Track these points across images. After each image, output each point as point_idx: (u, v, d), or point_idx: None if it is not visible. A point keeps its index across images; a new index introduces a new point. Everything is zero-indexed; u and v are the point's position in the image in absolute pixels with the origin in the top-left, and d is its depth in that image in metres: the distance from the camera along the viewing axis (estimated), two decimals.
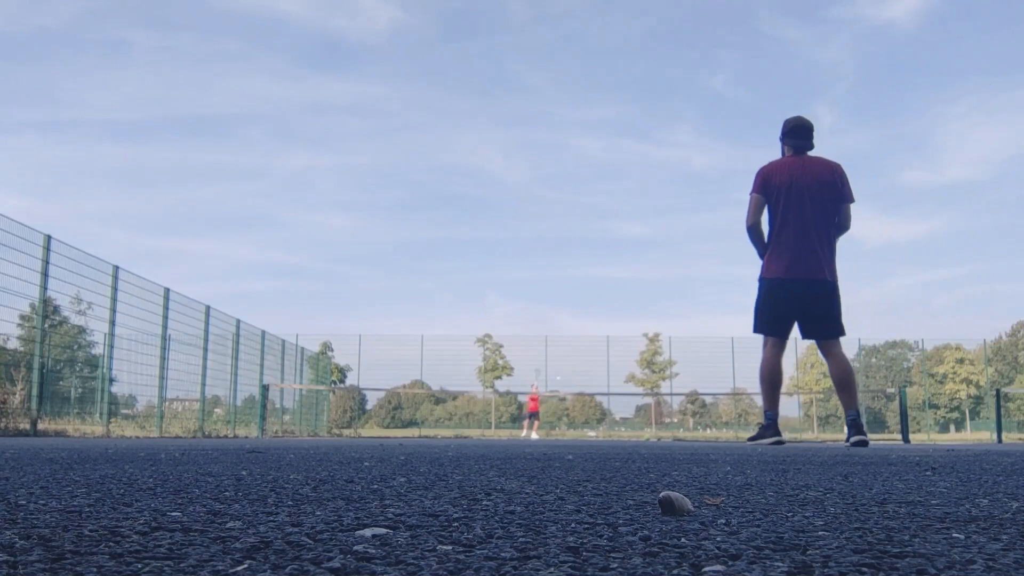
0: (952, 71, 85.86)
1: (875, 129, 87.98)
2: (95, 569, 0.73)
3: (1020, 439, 19.55)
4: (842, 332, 6.12)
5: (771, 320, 6.17)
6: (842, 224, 6.13)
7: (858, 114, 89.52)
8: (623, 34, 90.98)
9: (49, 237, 10.76)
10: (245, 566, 0.75)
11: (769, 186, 6.10)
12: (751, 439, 6.56)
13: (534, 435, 22.32)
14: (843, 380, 6.04)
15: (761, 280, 6.22)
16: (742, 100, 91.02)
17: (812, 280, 6.00)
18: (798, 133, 6.22)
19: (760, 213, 6.17)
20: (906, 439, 13.63)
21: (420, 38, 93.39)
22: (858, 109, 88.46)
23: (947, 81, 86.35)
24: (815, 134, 6.27)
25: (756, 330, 6.31)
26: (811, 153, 6.21)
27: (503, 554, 0.82)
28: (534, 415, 23.59)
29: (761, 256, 6.23)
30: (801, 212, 5.99)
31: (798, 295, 6.03)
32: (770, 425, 6.29)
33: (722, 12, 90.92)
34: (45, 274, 10.71)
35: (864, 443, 5.86)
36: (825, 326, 6.10)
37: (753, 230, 6.20)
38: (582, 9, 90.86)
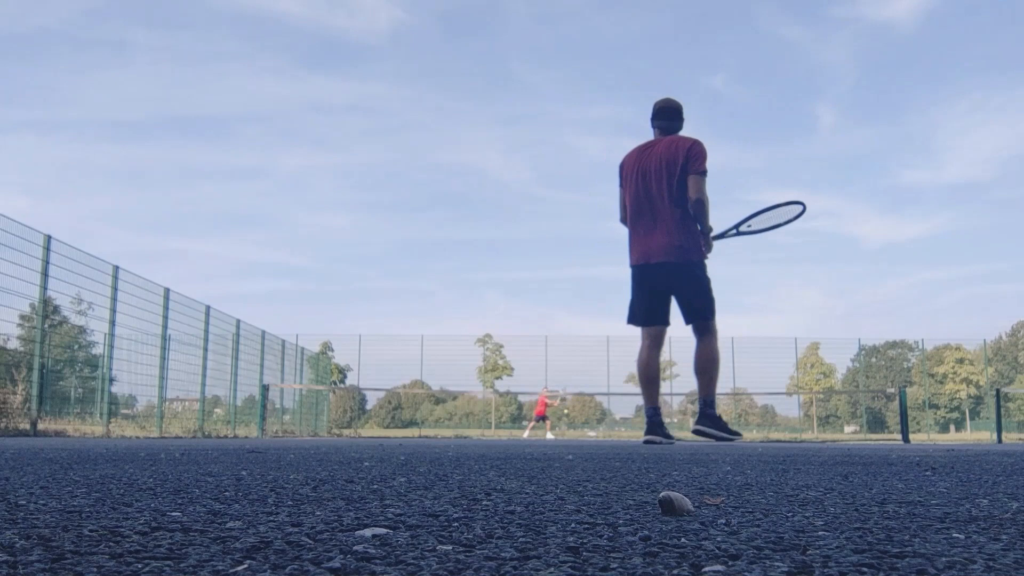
0: (952, 71, 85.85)
1: (875, 129, 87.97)
2: (95, 569, 0.73)
3: (1020, 439, 19.54)
4: (706, 315, 5.91)
5: (633, 309, 6.05)
6: (692, 197, 5.77)
7: (858, 114, 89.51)
8: (623, 33, 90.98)
9: (49, 237, 10.76)
10: (245, 566, 0.75)
11: (622, 176, 6.08)
12: (645, 440, 6.23)
13: (548, 435, 22.51)
14: (703, 367, 5.92)
15: (632, 268, 6.09)
16: (742, 100, 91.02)
17: (665, 263, 5.83)
18: (662, 115, 6.12)
19: (621, 204, 6.13)
20: (906, 439, 13.63)
21: (420, 38, 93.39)
22: (858, 109, 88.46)
23: (947, 81, 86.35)
24: (681, 115, 6.11)
25: (629, 321, 6.15)
26: (678, 134, 6.05)
27: (503, 554, 0.82)
28: (542, 418, 23.73)
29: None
30: (646, 195, 5.87)
31: (656, 281, 5.89)
32: (649, 422, 6.01)
33: (722, 12, 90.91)
34: (45, 274, 10.70)
35: (701, 433, 5.74)
36: (689, 308, 5.94)
37: (624, 224, 6.13)
38: (582, 9, 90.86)
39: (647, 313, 5.99)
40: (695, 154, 5.83)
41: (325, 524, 1.05)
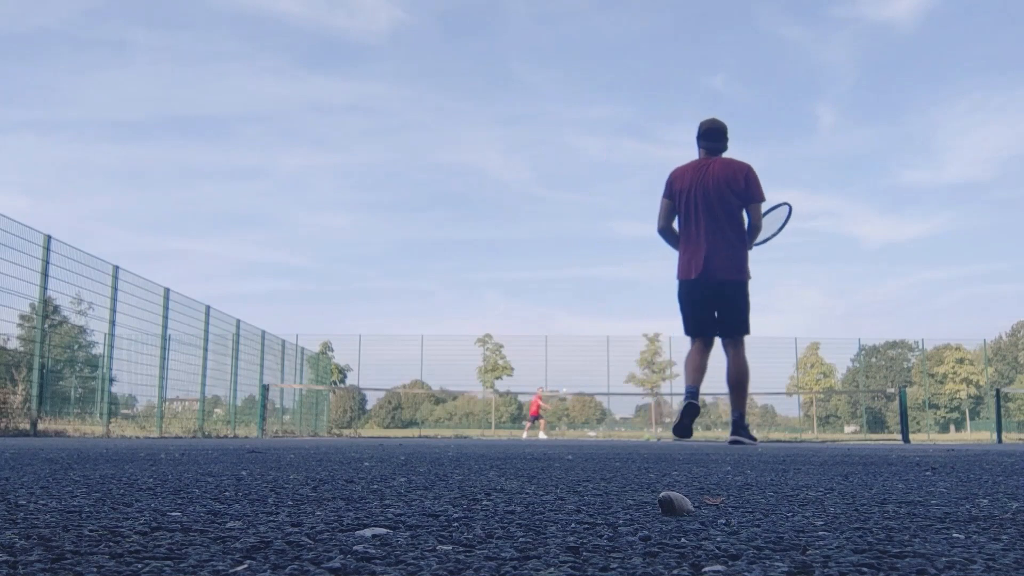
0: (952, 71, 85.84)
1: (875, 128, 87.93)
2: (95, 569, 0.73)
3: (1020, 439, 19.55)
4: (744, 331, 6.22)
5: (687, 321, 6.31)
6: (752, 224, 6.21)
7: (858, 113, 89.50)
8: (623, 33, 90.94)
9: (49, 237, 10.76)
10: (245, 566, 0.75)
11: (674, 190, 6.28)
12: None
13: (541, 434, 22.45)
14: (738, 381, 6.20)
15: (678, 283, 6.36)
16: (742, 100, 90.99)
17: (715, 280, 6.13)
18: (710, 136, 6.35)
19: (669, 217, 6.36)
20: (906, 439, 13.64)
21: (420, 38, 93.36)
22: (858, 108, 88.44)
23: (947, 81, 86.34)
24: (727, 136, 6.40)
25: (686, 332, 6.41)
26: (724, 155, 6.34)
27: (503, 554, 0.82)
28: (536, 418, 23.70)
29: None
30: (706, 213, 6.11)
31: (705, 295, 6.17)
32: (688, 395, 6.28)
33: (722, 11, 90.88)
34: (45, 274, 10.70)
35: (740, 443, 5.96)
36: (728, 325, 6.21)
37: (663, 233, 6.40)
38: (582, 9, 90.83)
39: (706, 324, 6.27)
40: (755, 180, 6.18)
41: (325, 524, 1.05)
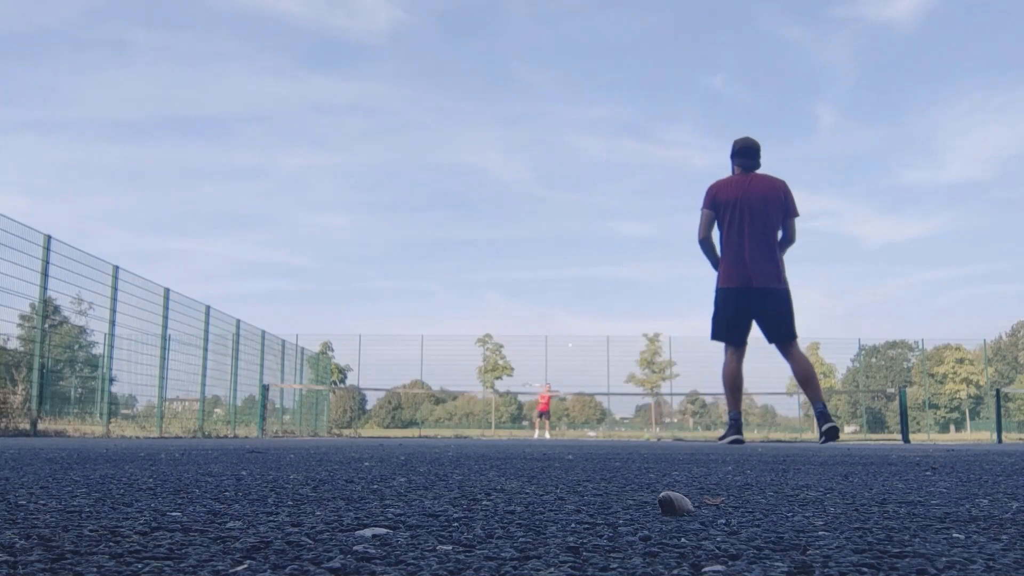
0: (952, 71, 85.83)
1: (875, 128, 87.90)
2: (95, 569, 0.73)
3: (1020, 439, 19.55)
4: (793, 335, 6.51)
5: (727, 328, 6.57)
6: (788, 237, 6.59)
7: (858, 113, 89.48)
8: (623, 33, 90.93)
9: (49, 237, 10.76)
10: (245, 566, 0.75)
11: (717, 202, 6.56)
12: (720, 439, 6.83)
13: (546, 435, 22.38)
14: (806, 378, 6.45)
15: (717, 290, 6.62)
16: (742, 99, 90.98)
17: (763, 288, 6.42)
18: (745, 153, 6.69)
19: (710, 227, 6.64)
20: (906, 439, 13.63)
21: (420, 38, 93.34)
22: (858, 108, 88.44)
23: (947, 81, 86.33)
24: (760, 154, 6.72)
25: (713, 337, 6.66)
26: (758, 171, 6.66)
27: (503, 554, 0.82)
28: (544, 414, 23.60)
29: (715, 267, 6.66)
30: (750, 225, 6.42)
31: (750, 303, 6.44)
32: (732, 425, 6.63)
33: (722, 11, 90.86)
34: (45, 274, 10.70)
35: (835, 430, 6.22)
36: (779, 331, 6.50)
37: (704, 243, 6.66)
38: (582, 9, 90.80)
39: (743, 331, 6.55)
40: (792, 197, 6.57)
41: (325, 524, 1.05)
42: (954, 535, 0.99)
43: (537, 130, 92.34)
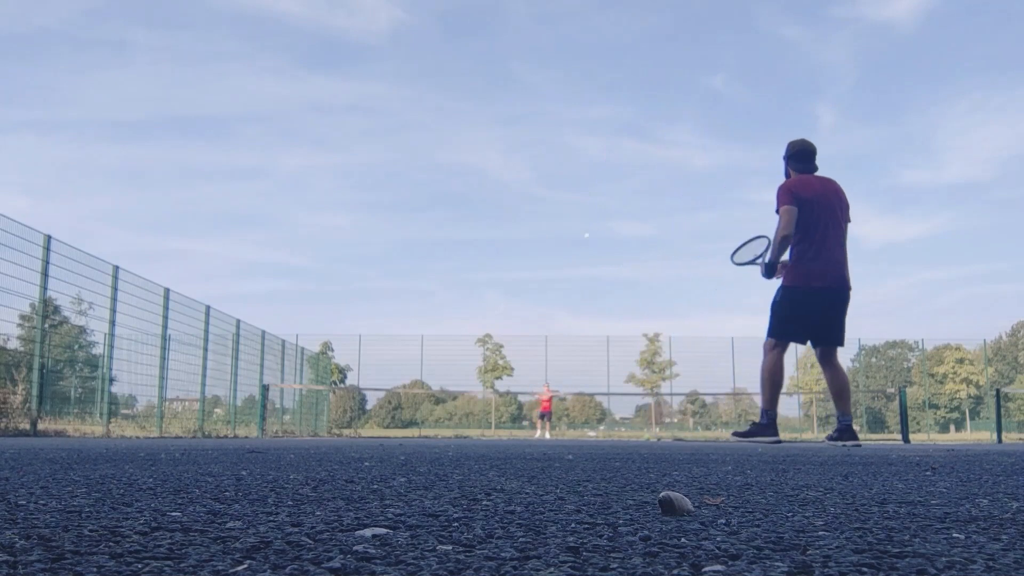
0: (952, 71, 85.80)
1: (875, 128, 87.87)
2: (95, 569, 0.73)
3: (1020, 439, 19.55)
4: (843, 341, 6.45)
5: (795, 328, 6.43)
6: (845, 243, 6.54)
7: (858, 113, 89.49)
8: (623, 33, 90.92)
9: (49, 237, 10.76)
10: (245, 566, 0.75)
11: (801, 199, 6.40)
12: (742, 435, 6.82)
13: (547, 435, 22.38)
14: (841, 389, 6.42)
15: (789, 288, 6.43)
16: (742, 99, 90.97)
17: (839, 288, 6.35)
18: (805, 157, 6.59)
19: (794, 224, 6.42)
20: (906, 439, 13.63)
21: (420, 38, 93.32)
22: (858, 108, 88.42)
23: (948, 80, 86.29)
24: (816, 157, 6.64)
25: (773, 335, 6.48)
26: (817, 174, 6.58)
27: (503, 554, 0.82)
28: (546, 415, 23.65)
29: (773, 265, 6.45)
30: (831, 225, 6.35)
31: (824, 303, 6.32)
32: (769, 424, 6.61)
33: (722, 11, 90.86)
34: (45, 274, 10.70)
35: (858, 446, 6.21)
36: (833, 335, 6.39)
37: (787, 241, 6.45)
38: (582, 9, 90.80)
39: (808, 332, 6.44)
40: (848, 202, 6.58)
41: (325, 524, 1.05)
42: (954, 535, 0.99)
43: (537, 130, 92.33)
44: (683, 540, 0.92)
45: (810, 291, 6.32)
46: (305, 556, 0.80)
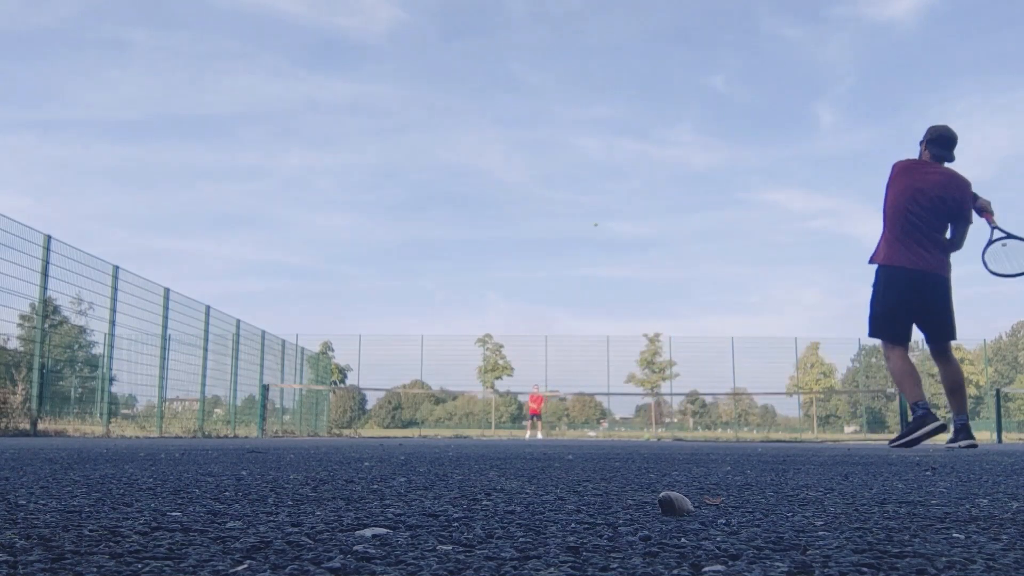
0: (952, 71, 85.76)
1: (875, 128, 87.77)
2: (95, 569, 0.73)
3: (1020, 439, 19.55)
4: (954, 335, 6.16)
5: (893, 319, 6.10)
6: (957, 241, 6.21)
7: (858, 113, 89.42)
8: (623, 34, 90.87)
9: (49, 237, 10.76)
10: (245, 566, 0.75)
11: (911, 177, 6.18)
12: (903, 441, 6.22)
13: (539, 435, 22.40)
14: (956, 386, 6.11)
15: (883, 268, 6.16)
16: (742, 99, 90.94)
17: (936, 275, 6.05)
18: (944, 143, 6.33)
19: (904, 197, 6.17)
20: None
21: (420, 37, 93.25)
22: (858, 108, 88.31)
23: (948, 81, 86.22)
24: (955, 147, 6.34)
25: (874, 333, 6.21)
26: (948, 165, 6.31)
27: (503, 554, 0.82)
28: (536, 416, 23.72)
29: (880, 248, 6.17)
30: (932, 212, 6.09)
31: (920, 288, 6.03)
32: (925, 415, 6.10)
33: (722, 11, 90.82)
34: (45, 274, 10.70)
35: (974, 446, 5.84)
36: (940, 327, 6.11)
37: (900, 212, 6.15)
38: (582, 9, 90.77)
39: (909, 325, 6.17)
40: (971, 202, 6.23)
41: (325, 524, 1.05)
42: (954, 535, 0.99)
43: (537, 130, 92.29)
44: (683, 540, 0.92)
45: (900, 272, 6.07)
46: (305, 556, 0.80)
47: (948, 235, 6.16)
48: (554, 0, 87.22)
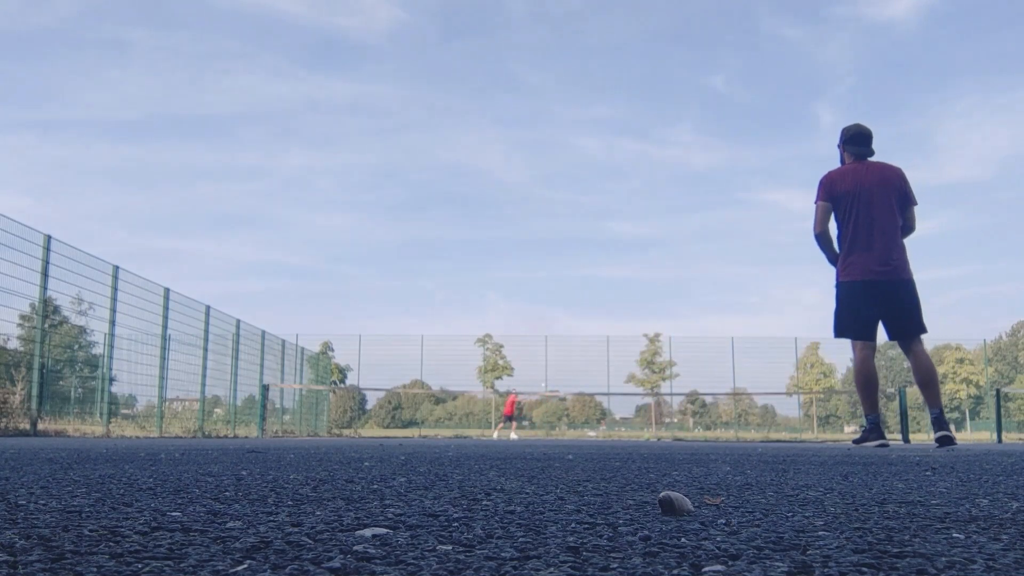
0: (952, 71, 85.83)
1: (875, 128, 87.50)
2: (95, 569, 0.73)
3: (1020, 439, 19.55)
4: (923, 329, 6.21)
5: (854, 323, 6.25)
6: (909, 226, 6.30)
7: (858, 113, 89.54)
8: (623, 34, 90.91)
9: (49, 237, 10.76)
10: (245, 566, 0.75)
11: (835, 193, 6.27)
12: (856, 442, 6.54)
13: (512, 435, 22.50)
14: (927, 379, 6.13)
15: (839, 285, 6.30)
16: (742, 99, 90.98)
17: (890, 280, 6.13)
18: (859, 140, 6.40)
19: (827, 220, 6.31)
20: (906, 439, 13.63)
21: (420, 37, 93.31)
22: (858, 108, 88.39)
23: (947, 81, 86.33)
24: (872, 141, 6.44)
25: (838, 334, 6.34)
26: (872, 159, 6.37)
27: (503, 554, 0.82)
28: (508, 417, 23.90)
29: (832, 262, 6.34)
30: (870, 215, 6.15)
31: (877, 296, 6.13)
32: (873, 428, 6.29)
33: (722, 11, 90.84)
34: (45, 274, 10.70)
35: (950, 439, 5.89)
36: (907, 324, 6.18)
37: (822, 237, 6.34)
38: (582, 9, 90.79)
39: (872, 326, 6.25)
40: (909, 184, 6.33)
41: (325, 524, 1.05)
42: (954, 535, 0.99)
43: (537, 130, 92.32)
44: (683, 540, 0.92)
45: (853, 286, 6.16)
46: (305, 556, 0.80)
47: (900, 222, 6.20)
48: (554, 0, 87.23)
